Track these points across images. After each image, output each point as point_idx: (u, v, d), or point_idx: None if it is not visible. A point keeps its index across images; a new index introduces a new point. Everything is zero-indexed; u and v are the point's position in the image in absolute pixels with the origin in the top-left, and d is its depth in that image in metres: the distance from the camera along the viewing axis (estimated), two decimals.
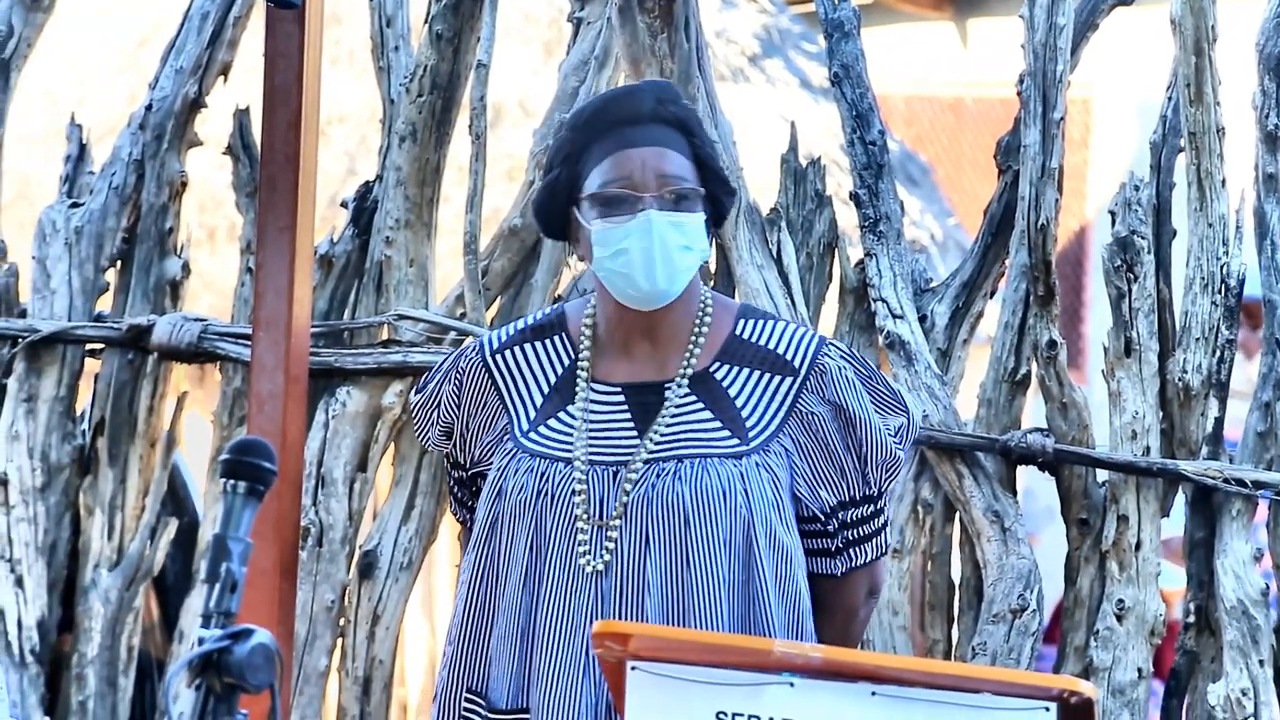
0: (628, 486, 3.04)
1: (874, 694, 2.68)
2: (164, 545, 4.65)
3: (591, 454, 3.07)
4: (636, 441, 3.07)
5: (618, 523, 3.04)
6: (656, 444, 3.06)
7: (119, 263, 4.69)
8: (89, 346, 4.67)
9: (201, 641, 2.40)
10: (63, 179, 4.75)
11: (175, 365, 4.65)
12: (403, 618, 4.51)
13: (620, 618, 3.01)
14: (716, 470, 3.03)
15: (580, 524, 3.05)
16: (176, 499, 4.87)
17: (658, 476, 3.04)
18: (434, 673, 7.46)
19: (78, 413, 4.69)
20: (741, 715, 2.70)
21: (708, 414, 3.08)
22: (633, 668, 2.73)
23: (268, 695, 2.41)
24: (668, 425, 3.07)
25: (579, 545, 3.05)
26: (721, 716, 2.71)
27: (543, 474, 3.07)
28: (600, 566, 3.04)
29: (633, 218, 3.03)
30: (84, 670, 4.61)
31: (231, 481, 2.50)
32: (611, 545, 3.03)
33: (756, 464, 3.05)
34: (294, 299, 3.80)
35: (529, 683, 3.06)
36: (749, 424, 3.07)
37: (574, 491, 3.05)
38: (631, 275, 3.04)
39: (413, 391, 3.30)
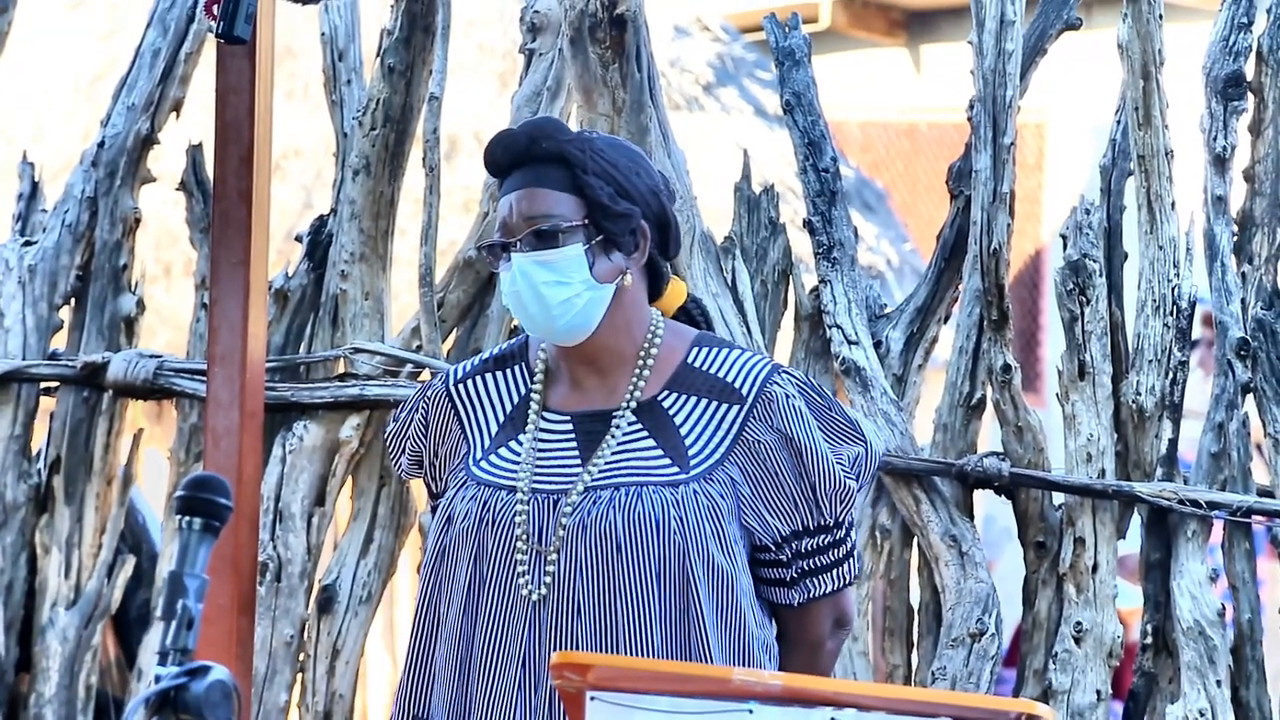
0: (565, 514, 3.06)
1: (833, 719, 2.68)
2: (121, 583, 4.64)
3: (535, 482, 3.08)
4: (579, 470, 3.08)
5: (556, 551, 3.05)
6: (597, 472, 3.07)
7: (73, 300, 4.68)
8: (44, 385, 4.66)
9: (159, 679, 2.39)
10: (15, 217, 4.74)
11: (131, 402, 4.64)
12: (363, 652, 4.51)
13: (554, 645, 3.03)
14: (650, 498, 3.04)
15: (520, 551, 3.06)
16: (135, 536, 4.86)
17: (593, 504, 3.05)
18: None
19: (33, 451, 4.67)
20: None
21: (651, 442, 3.08)
22: (592, 698, 2.73)
23: None
24: (612, 453, 3.08)
25: (518, 572, 3.06)
26: None
27: (485, 502, 3.09)
28: (540, 594, 3.05)
29: (508, 263, 3.07)
30: (42, 710, 4.58)
31: (187, 518, 2.50)
32: (551, 572, 3.05)
33: (694, 491, 3.05)
34: (249, 334, 3.80)
35: (468, 708, 3.08)
36: (691, 452, 3.08)
37: (515, 518, 3.07)
38: (519, 319, 3.10)
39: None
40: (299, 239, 4.63)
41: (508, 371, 3.19)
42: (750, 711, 2.69)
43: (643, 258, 3.13)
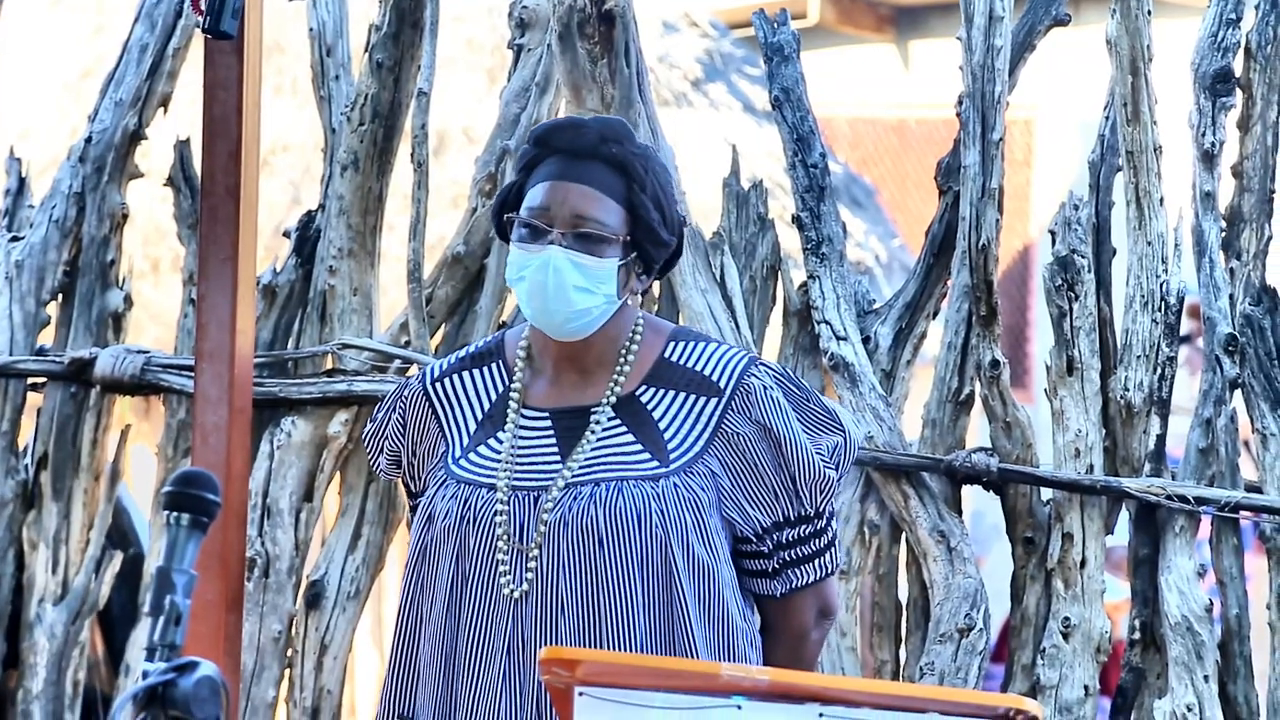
0: (546, 510, 3.06)
1: (821, 715, 2.68)
2: (109, 579, 4.63)
3: (514, 480, 3.09)
4: (559, 466, 3.08)
5: (538, 547, 3.05)
6: (578, 468, 3.08)
7: (60, 296, 4.67)
8: (31, 380, 4.65)
9: (146, 675, 2.39)
10: (2, 213, 4.73)
11: (119, 398, 4.64)
12: (351, 647, 4.50)
13: (538, 642, 3.04)
14: (631, 493, 3.05)
15: (501, 549, 3.06)
16: (122, 532, 4.85)
17: (574, 500, 3.05)
18: None
19: (20, 447, 4.66)
20: None
21: (630, 437, 3.09)
22: (580, 693, 2.73)
23: None
24: (592, 449, 3.09)
25: (500, 571, 3.07)
26: None
27: (466, 500, 3.09)
28: (523, 590, 3.05)
29: (541, 250, 3.06)
30: (29, 706, 4.58)
31: (175, 514, 2.50)
32: (533, 569, 3.05)
33: (675, 485, 3.06)
34: (237, 329, 3.80)
35: (453, 707, 3.09)
36: (671, 446, 3.08)
37: (495, 516, 3.07)
38: (527, 304, 3.09)
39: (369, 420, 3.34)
40: (287, 234, 4.63)
41: (485, 369, 3.19)
42: (739, 707, 2.69)
43: (653, 279, 3.17)
